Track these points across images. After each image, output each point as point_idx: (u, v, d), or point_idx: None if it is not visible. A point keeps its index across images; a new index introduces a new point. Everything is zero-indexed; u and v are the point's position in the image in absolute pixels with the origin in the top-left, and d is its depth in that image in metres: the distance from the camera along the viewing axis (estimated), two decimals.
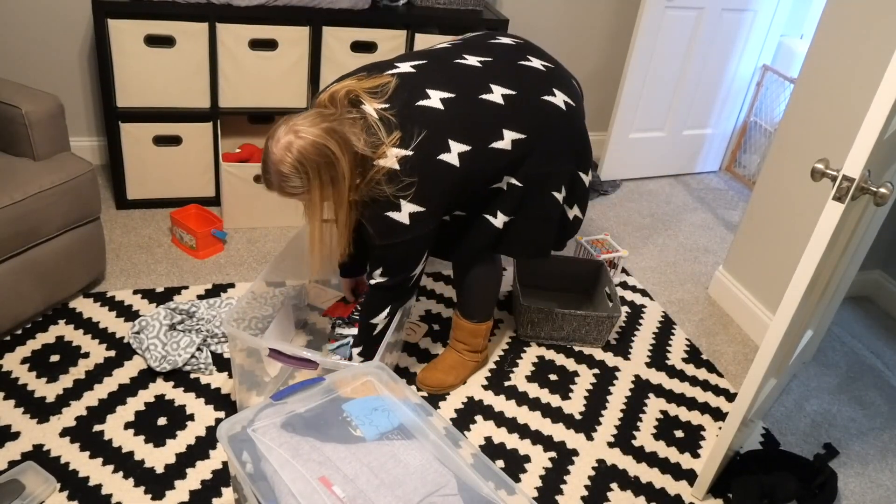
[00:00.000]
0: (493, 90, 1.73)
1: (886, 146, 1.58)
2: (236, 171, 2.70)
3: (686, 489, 1.97)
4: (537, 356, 2.38)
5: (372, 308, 1.87)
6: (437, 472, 1.31)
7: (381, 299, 1.85)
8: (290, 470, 1.30)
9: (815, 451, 2.15)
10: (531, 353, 2.38)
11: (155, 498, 1.74)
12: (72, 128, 2.96)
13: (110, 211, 2.80)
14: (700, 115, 3.65)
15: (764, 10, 3.44)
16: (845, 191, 1.42)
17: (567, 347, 2.44)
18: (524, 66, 1.80)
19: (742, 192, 3.72)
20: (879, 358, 2.66)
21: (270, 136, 1.61)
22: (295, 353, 1.72)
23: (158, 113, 2.70)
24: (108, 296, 2.36)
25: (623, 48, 3.57)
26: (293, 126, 1.59)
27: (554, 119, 1.79)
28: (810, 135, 2.33)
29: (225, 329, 1.78)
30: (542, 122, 1.77)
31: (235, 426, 1.40)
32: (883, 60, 2.04)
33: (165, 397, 2.01)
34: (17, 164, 2.11)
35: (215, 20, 2.58)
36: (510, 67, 1.79)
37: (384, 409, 1.46)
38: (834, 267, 1.99)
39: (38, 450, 1.81)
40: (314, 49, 2.72)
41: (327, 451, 1.35)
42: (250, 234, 2.80)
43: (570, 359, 2.39)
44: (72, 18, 2.77)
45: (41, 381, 2.01)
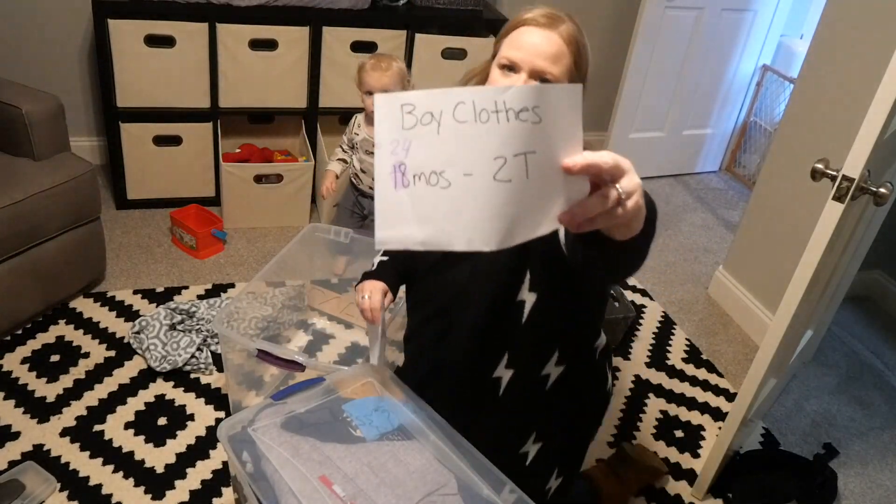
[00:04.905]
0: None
1: (886, 146, 1.58)
2: (236, 171, 2.70)
3: (686, 489, 1.97)
4: None
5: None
6: (437, 471, 1.31)
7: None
8: (290, 469, 1.30)
9: (815, 451, 2.15)
10: None
11: (155, 498, 1.74)
12: (72, 128, 2.95)
13: (110, 211, 2.80)
14: (700, 115, 3.65)
15: (764, 10, 3.44)
16: (845, 191, 1.42)
17: None
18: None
19: (742, 192, 3.72)
20: (879, 358, 2.66)
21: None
22: (282, 354, 1.72)
23: (158, 113, 2.70)
24: (109, 296, 2.36)
25: (623, 48, 3.57)
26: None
27: None
28: (810, 135, 2.33)
29: (215, 328, 1.77)
30: None
31: (236, 426, 1.40)
32: (883, 60, 2.04)
33: (165, 397, 2.01)
34: (18, 164, 2.11)
35: (215, 20, 2.58)
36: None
37: (384, 409, 1.46)
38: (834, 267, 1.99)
39: (38, 450, 1.81)
40: (314, 49, 2.72)
41: (327, 450, 1.35)
42: (250, 234, 2.80)
43: None
44: (72, 18, 2.77)
45: (41, 380, 2.01)
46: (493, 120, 0.71)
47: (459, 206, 0.74)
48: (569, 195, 0.76)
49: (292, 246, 2.14)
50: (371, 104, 2.28)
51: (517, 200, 0.73)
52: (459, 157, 0.73)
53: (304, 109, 2.89)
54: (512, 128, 0.71)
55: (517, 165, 0.72)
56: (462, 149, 0.73)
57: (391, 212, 0.76)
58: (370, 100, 2.28)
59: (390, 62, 2.26)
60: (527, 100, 0.71)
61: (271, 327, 2.24)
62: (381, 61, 2.26)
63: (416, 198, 0.75)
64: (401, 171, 0.75)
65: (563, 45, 1.24)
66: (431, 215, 0.75)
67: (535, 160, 0.72)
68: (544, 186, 0.74)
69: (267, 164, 2.83)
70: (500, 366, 1.38)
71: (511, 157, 0.71)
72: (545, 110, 0.71)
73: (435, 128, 0.73)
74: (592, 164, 0.74)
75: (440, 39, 2.86)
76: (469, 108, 0.72)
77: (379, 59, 2.27)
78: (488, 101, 0.71)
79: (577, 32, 1.27)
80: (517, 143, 0.71)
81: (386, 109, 0.75)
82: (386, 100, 0.75)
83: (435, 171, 0.74)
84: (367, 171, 2.41)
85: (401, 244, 0.76)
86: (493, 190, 0.72)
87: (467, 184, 0.73)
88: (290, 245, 2.13)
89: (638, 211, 0.80)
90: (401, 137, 0.74)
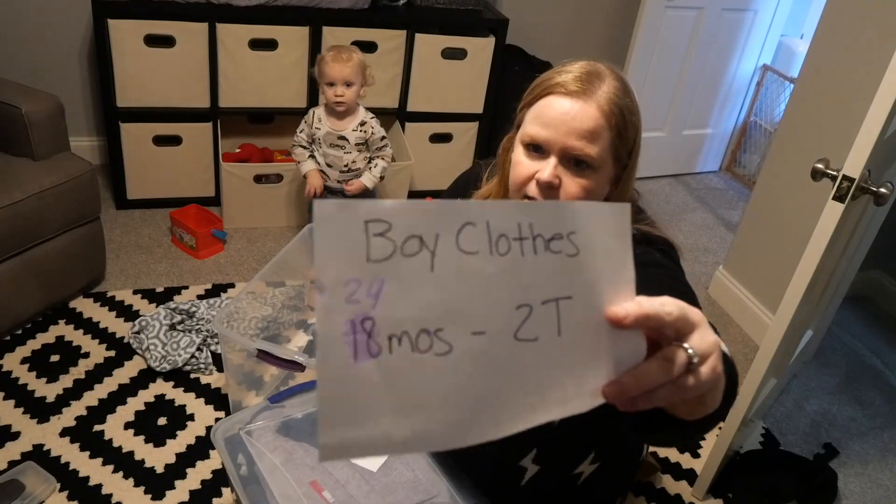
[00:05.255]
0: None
1: (886, 146, 1.58)
2: (236, 170, 2.70)
3: (686, 489, 1.97)
4: None
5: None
6: (429, 481, 1.31)
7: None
8: (280, 474, 1.30)
9: (815, 451, 2.15)
10: None
11: (155, 498, 1.74)
12: (71, 127, 2.94)
13: (110, 211, 2.80)
14: (700, 115, 3.65)
15: (764, 9, 3.44)
16: (845, 191, 1.42)
17: None
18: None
19: (742, 191, 3.72)
20: (879, 357, 2.66)
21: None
22: (282, 354, 1.71)
23: (158, 113, 2.70)
24: (108, 296, 2.36)
25: (623, 48, 3.57)
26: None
27: None
28: (810, 134, 2.33)
29: (215, 328, 1.77)
30: None
31: (231, 428, 1.40)
32: (883, 60, 2.03)
33: (165, 397, 2.01)
34: (17, 163, 2.11)
35: (215, 20, 2.58)
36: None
37: None
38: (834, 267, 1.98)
39: (38, 450, 1.81)
40: (314, 49, 2.72)
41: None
42: (250, 234, 2.80)
43: None
44: (72, 18, 2.77)
45: (41, 380, 2.00)
46: (517, 251, 0.50)
47: (465, 382, 0.50)
48: (617, 358, 0.54)
49: (292, 246, 2.13)
50: (332, 95, 2.31)
51: (544, 367, 0.52)
52: (466, 306, 0.49)
53: (304, 109, 2.88)
54: (541, 262, 0.51)
55: (546, 317, 0.51)
56: (470, 294, 0.49)
57: (346, 401, 0.47)
58: (331, 91, 2.32)
59: (351, 53, 2.31)
60: (560, 223, 0.52)
61: (271, 327, 2.24)
62: (342, 52, 2.31)
63: (391, 373, 0.48)
64: (364, 331, 0.47)
65: (601, 119, 0.99)
66: (419, 400, 0.49)
67: (570, 309, 0.52)
68: (582, 346, 0.53)
69: (267, 164, 2.83)
70: (526, 457, 1.23)
71: (539, 304, 0.51)
72: (584, 237, 0.52)
73: (427, 260, 0.48)
74: (651, 315, 0.53)
75: (440, 39, 2.86)
76: (482, 233, 0.49)
77: (339, 51, 2.32)
78: (509, 223, 0.50)
79: (621, 94, 1.02)
80: (548, 285, 0.51)
81: (338, 225, 0.46)
82: (339, 209, 0.46)
83: (426, 328, 0.48)
84: (332, 165, 2.43)
85: (364, 452, 0.48)
86: (513, 354, 0.50)
87: (477, 346, 0.50)
88: (290, 245, 2.13)
89: (715, 380, 0.56)
90: (365, 275, 0.47)
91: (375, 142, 2.41)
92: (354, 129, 2.37)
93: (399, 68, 2.88)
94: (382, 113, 2.83)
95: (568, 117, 0.99)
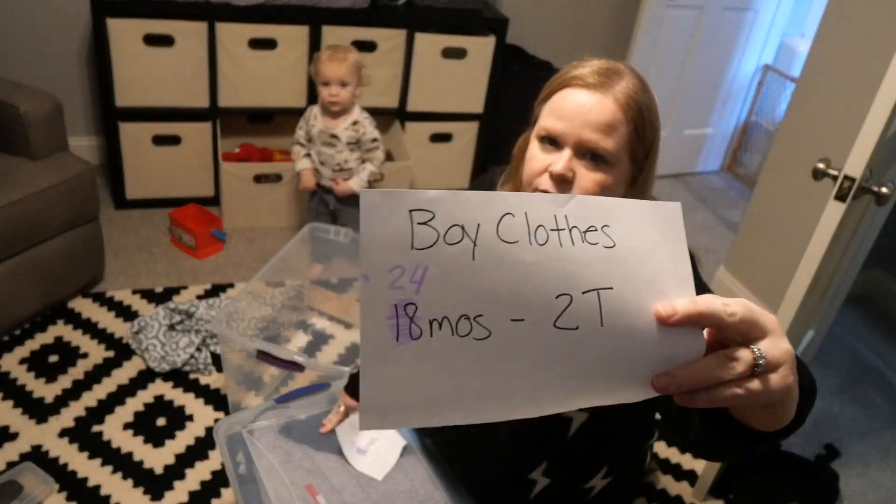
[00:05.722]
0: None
1: (888, 145, 1.57)
2: (236, 170, 2.70)
3: (687, 490, 1.97)
4: None
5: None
6: (426, 493, 1.30)
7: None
8: (276, 475, 1.30)
9: (817, 452, 2.15)
10: None
11: (154, 499, 1.73)
12: (70, 127, 2.94)
13: (109, 211, 2.80)
14: (701, 115, 3.65)
15: (765, 9, 3.43)
16: (846, 190, 1.42)
17: None
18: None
19: (743, 191, 3.71)
20: (881, 358, 2.65)
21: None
22: (282, 354, 1.71)
23: (158, 112, 2.70)
24: (107, 296, 2.35)
25: (623, 48, 3.56)
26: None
27: None
28: (811, 134, 2.33)
29: (215, 329, 1.77)
30: None
31: (234, 426, 1.40)
32: (884, 59, 2.03)
33: (164, 398, 2.01)
34: (16, 163, 2.10)
35: (214, 19, 2.57)
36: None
37: None
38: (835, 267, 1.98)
39: (36, 451, 1.80)
40: (314, 48, 2.71)
41: (319, 459, 1.35)
42: (250, 234, 2.79)
43: None
44: (71, 17, 2.76)
45: (40, 381, 2.00)
46: (555, 241, 0.52)
47: (503, 367, 0.52)
48: (671, 353, 0.53)
49: (292, 246, 2.13)
50: (327, 95, 2.30)
51: (587, 355, 0.53)
52: (505, 293, 0.51)
53: (303, 109, 2.87)
54: (579, 253, 0.52)
55: (588, 307, 0.52)
56: (510, 282, 0.51)
57: (388, 381, 0.50)
58: (326, 90, 2.31)
59: (346, 53, 2.32)
60: (593, 216, 0.53)
61: (271, 327, 2.23)
62: (338, 52, 2.31)
63: (431, 355, 0.51)
64: (407, 315, 0.50)
65: (618, 112, 0.97)
66: (458, 382, 0.52)
67: (612, 299, 0.53)
68: (628, 338, 0.53)
69: (266, 164, 2.82)
70: (536, 470, 1.20)
71: (579, 294, 0.52)
72: (621, 232, 0.54)
73: (469, 249, 0.50)
74: (706, 314, 0.51)
75: (440, 39, 2.86)
76: (520, 223, 0.51)
77: (335, 50, 2.32)
78: (546, 215, 0.52)
79: (640, 92, 1.00)
80: (587, 275, 0.52)
81: (383, 213, 0.49)
82: (384, 197, 0.49)
83: (466, 314, 0.51)
84: (326, 163, 2.43)
85: (403, 426, 0.53)
86: (552, 341, 0.52)
87: (516, 333, 0.51)
88: (290, 245, 2.12)
89: (786, 391, 0.53)
90: (409, 262, 0.49)
91: (366, 142, 2.40)
92: (347, 127, 2.37)
93: (399, 68, 2.88)
94: (382, 113, 2.82)
95: (584, 109, 0.96)
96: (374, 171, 2.45)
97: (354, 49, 2.40)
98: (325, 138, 2.39)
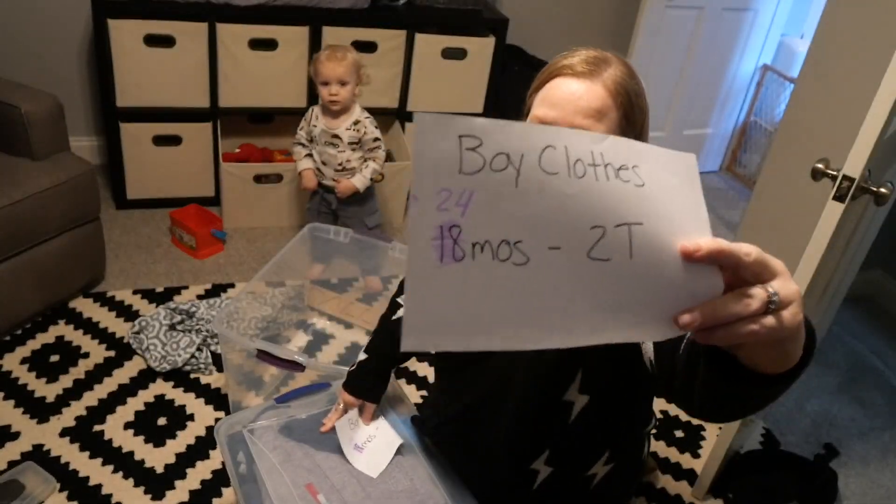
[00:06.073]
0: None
1: (887, 146, 1.57)
2: (236, 170, 2.70)
3: (686, 489, 1.97)
4: None
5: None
6: (426, 492, 1.30)
7: None
8: (277, 474, 1.30)
9: (816, 452, 2.15)
10: None
11: (155, 498, 1.74)
12: (71, 127, 2.94)
13: (110, 211, 2.80)
14: (700, 115, 3.65)
15: (764, 9, 3.44)
16: (846, 191, 1.42)
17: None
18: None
19: (742, 191, 3.71)
20: (880, 358, 2.66)
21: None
22: (282, 354, 1.71)
23: (158, 112, 2.70)
24: (108, 296, 2.36)
25: (623, 48, 3.56)
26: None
27: None
28: (810, 134, 2.33)
29: (215, 328, 1.77)
30: None
31: (235, 426, 1.40)
32: (883, 60, 2.03)
33: (165, 397, 2.01)
34: (17, 163, 2.11)
35: (215, 20, 2.58)
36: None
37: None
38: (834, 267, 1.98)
39: (37, 450, 1.81)
40: (314, 49, 2.71)
41: (319, 459, 1.35)
42: (250, 234, 2.80)
43: None
44: (72, 18, 2.76)
45: (41, 381, 2.00)
46: (591, 175, 0.54)
47: (539, 294, 0.54)
48: (692, 291, 0.56)
49: (292, 246, 2.13)
50: (326, 94, 2.31)
51: (617, 287, 0.55)
52: (544, 222, 0.53)
53: (303, 109, 2.88)
54: (613, 188, 0.55)
55: (619, 239, 0.54)
56: (549, 211, 0.53)
57: (431, 299, 0.52)
58: (325, 90, 2.32)
59: (345, 52, 2.32)
60: (625, 156, 0.57)
61: (271, 327, 2.24)
62: (336, 51, 2.31)
63: (472, 277, 0.52)
64: (451, 237, 0.51)
65: (607, 98, 0.99)
66: (496, 305, 0.53)
67: (642, 235, 0.55)
68: (655, 273, 0.55)
69: (267, 164, 2.83)
70: (538, 459, 1.21)
71: (612, 227, 0.54)
72: (649, 173, 0.57)
73: (512, 177, 0.52)
74: (726, 251, 0.55)
75: (440, 39, 2.86)
76: (561, 156, 0.54)
77: (334, 50, 2.32)
78: (584, 150, 0.55)
79: (627, 78, 1.01)
80: (620, 210, 0.55)
81: (435, 137, 0.50)
82: (436, 122, 0.50)
83: (507, 239, 0.52)
84: (327, 163, 2.43)
85: (443, 347, 0.52)
86: (585, 270, 0.54)
87: (552, 260, 0.53)
88: (290, 245, 2.13)
89: (796, 327, 0.57)
90: (456, 186, 0.51)
91: (368, 142, 2.41)
92: (348, 127, 2.38)
93: (399, 68, 2.88)
94: (382, 113, 2.83)
95: (574, 97, 0.99)
96: (378, 169, 2.45)
97: (353, 48, 2.40)
98: (326, 138, 2.39)
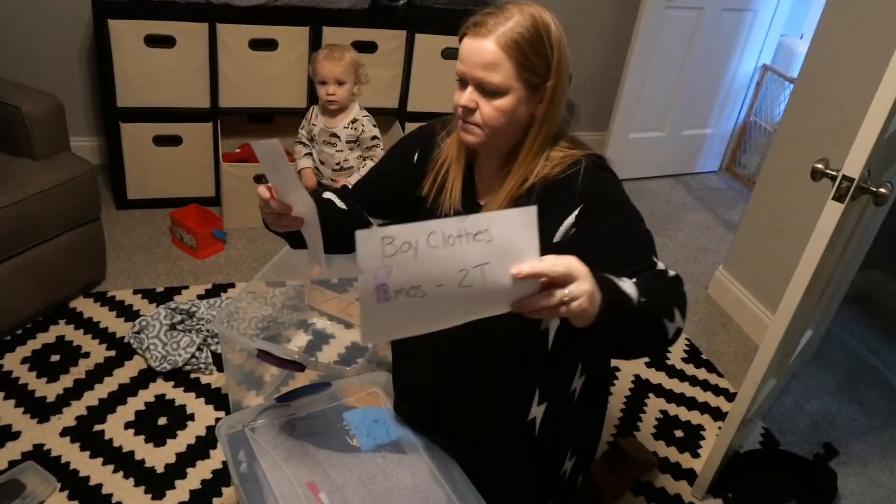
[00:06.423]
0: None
1: (886, 146, 1.58)
2: (236, 170, 2.70)
3: (686, 489, 1.97)
4: None
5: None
6: (428, 490, 1.31)
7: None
8: (278, 473, 1.30)
9: (815, 451, 2.15)
10: None
11: (155, 498, 1.74)
12: (72, 127, 2.94)
13: (110, 211, 2.80)
14: (700, 115, 3.65)
15: (764, 9, 3.44)
16: (845, 191, 1.42)
17: None
18: None
19: (742, 191, 3.72)
20: (879, 357, 2.66)
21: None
22: (282, 354, 1.72)
23: (158, 113, 2.70)
24: (109, 296, 2.36)
25: (623, 48, 3.57)
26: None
27: None
28: (810, 134, 2.33)
29: (215, 328, 1.77)
30: None
31: (235, 425, 1.40)
32: (883, 60, 2.03)
33: (166, 397, 2.01)
34: (17, 163, 2.11)
35: (215, 20, 2.58)
36: None
37: (384, 421, 1.46)
38: (834, 267, 1.98)
39: (38, 449, 1.81)
40: (314, 49, 2.71)
41: (320, 457, 1.35)
42: (250, 234, 2.80)
43: None
44: (72, 18, 2.77)
45: (41, 380, 2.01)
46: (459, 242, 0.90)
47: (434, 308, 0.94)
48: (520, 291, 0.94)
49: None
50: (324, 94, 2.33)
51: (478, 297, 0.94)
52: (433, 273, 0.91)
53: (303, 109, 2.88)
54: (472, 246, 0.91)
55: (477, 274, 0.92)
56: (435, 266, 0.91)
57: (375, 320, 0.93)
58: (323, 90, 2.33)
59: (343, 52, 2.33)
60: (481, 225, 0.91)
61: (271, 327, 2.24)
62: (334, 51, 2.32)
63: (397, 308, 0.92)
64: (383, 290, 0.90)
65: (498, 52, 1.16)
66: (411, 318, 0.95)
67: (490, 268, 0.92)
68: (499, 286, 0.93)
69: None
70: (532, 405, 1.35)
71: (471, 268, 0.92)
72: (496, 232, 0.91)
73: (412, 254, 0.89)
74: (537, 271, 0.90)
75: (440, 39, 2.86)
76: (439, 236, 0.90)
77: (332, 50, 2.33)
78: (453, 229, 0.90)
79: (521, 30, 1.17)
80: (476, 257, 0.91)
81: (368, 242, 0.87)
82: (367, 235, 0.87)
83: (413, 286, 0.91)
84: (325, 163, 2.44)
85: (386, 339, 1.10)
86: (459, 293, 0.93)
87: (439, 292, 0.92)
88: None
89: (582, 312, 0.93)
90: (382, 264, 0.89)
91: (366, 140, 2.41)
92: (346, 126, 2.38)
93: (399, 68, 2.88)
94: (382, 113, 2.83)
95: (473, 53, 1.19)
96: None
97: (351, 48, 2.40)
98: (325, 137, 2.40)
